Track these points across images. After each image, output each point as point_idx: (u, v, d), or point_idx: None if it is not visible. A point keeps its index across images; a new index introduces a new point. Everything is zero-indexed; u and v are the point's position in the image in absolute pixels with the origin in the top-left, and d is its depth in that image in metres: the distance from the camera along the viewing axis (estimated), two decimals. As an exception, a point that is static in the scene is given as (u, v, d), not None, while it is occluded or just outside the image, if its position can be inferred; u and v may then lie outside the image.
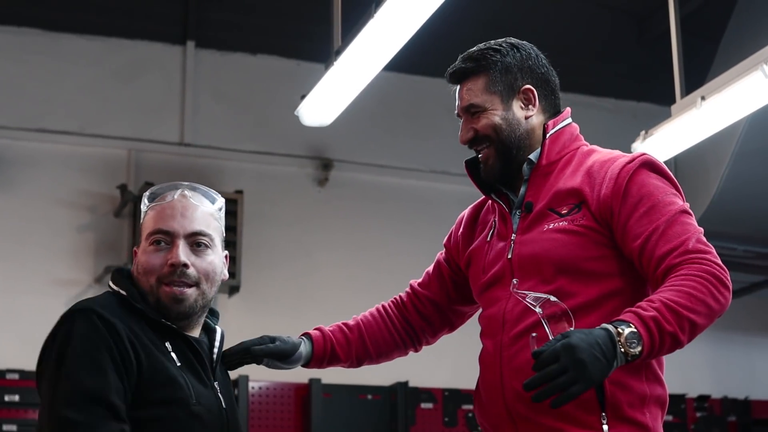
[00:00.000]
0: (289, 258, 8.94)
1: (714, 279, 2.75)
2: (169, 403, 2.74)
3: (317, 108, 6.00)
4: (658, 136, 6.09)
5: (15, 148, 8.46)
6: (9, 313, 8.17)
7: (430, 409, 8.76)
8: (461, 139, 3.16)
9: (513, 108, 3.12)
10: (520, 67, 3.16)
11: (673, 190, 2.95)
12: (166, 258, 2.87)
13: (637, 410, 2.86)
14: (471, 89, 3.15)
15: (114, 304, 2.82)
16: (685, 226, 2.87)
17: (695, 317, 2.71)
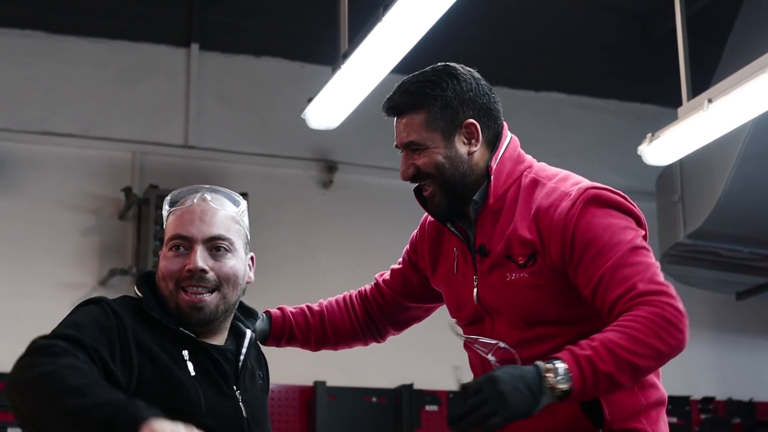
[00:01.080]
0: (294, 260, 8.93)
1: (662, 320, 2.68)
2: (176, 413, 2.62)
3: (324, 111, 5.98)
4: (665, 139, 6.07)
5: (19, 150, 8.45)
6: (13, 316, 8.16)
7: (434, 412, 8.75)
8: (402, 175, 3.06)
9: (455, 144, 2.99)
10: (461, 101, 3.00)
11: (622, 223, 2.85)
12: (184, 263, 2.84)
13: (635, 420, 2.85)
14: (410, 125, 3.02)
15: (127, 307, 2.81)
16: (634, 267, 2.78)
17: (637, 359, 2.65)
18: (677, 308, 2.72)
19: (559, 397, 2.64)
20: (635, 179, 9.55)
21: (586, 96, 9.95)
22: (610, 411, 2.81)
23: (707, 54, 7.97)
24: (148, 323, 2.80)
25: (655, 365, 2.72)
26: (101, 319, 2.69)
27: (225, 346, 2.92)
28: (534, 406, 2.62)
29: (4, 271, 8.25)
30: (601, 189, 2.90)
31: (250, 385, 2.94)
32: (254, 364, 3.01)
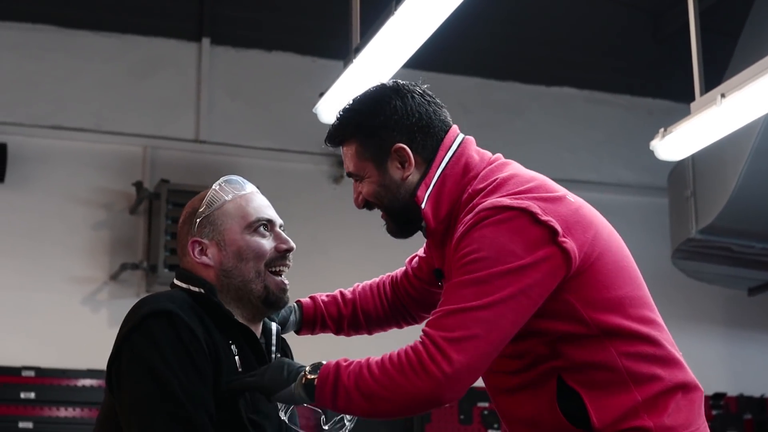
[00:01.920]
0: (305, 255, 8.82)
1: (416, 361, 2.64)
2: (231, 408, 2.73)
3: (336, 106, 5.97)
4: (677, 134, 6.05)
5: (30, 145, 8.46)
6: (24, 310, 8.17)
7: (445, 407, 8.73)
8: (355, 204, 3.06)
9: (389, 171, 2.95)
10: (386, 126, 2.94)
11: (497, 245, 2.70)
12: (272, 244, 2.93)
13: (634, 419, 2.75)
14: (346, 155, 3.02)
15: (190, 304, 2.81)
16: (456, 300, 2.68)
17: (375, 387, 2.66)
18: (439, 349, 2.64)
19: (304, 386, 2.70)
20: (647, 174, 9.55)
21: (597, 91, 9.92)
22: (597, 416, 2.73)
23: (720, 48, 7.94)
24: (206, 315, 2.81)
25: (396, 399, 2.65)
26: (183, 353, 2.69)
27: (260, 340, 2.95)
28: (281, 385, 2.71)
29: (15, 265, 8.26)
30: (498, 207, 2.74)
31: None
32: None
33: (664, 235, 8.80)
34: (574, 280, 2.74)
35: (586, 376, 2.76)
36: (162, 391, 2.64)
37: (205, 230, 2.92)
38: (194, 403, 2.64)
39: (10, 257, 8.27)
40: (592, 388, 2.75)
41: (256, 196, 3.00)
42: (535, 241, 2.69)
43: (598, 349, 2.76)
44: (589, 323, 2.75)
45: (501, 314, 2.65)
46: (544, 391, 2.79)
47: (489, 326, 2.64)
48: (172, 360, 2.66)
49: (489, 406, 8.74)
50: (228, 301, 2.89)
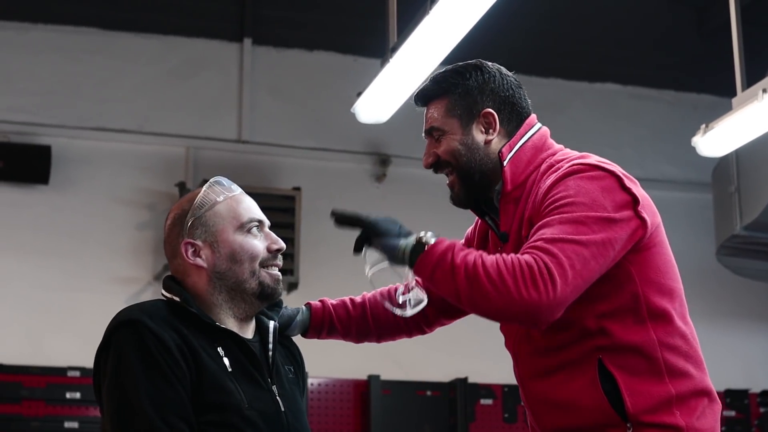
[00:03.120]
0: (348, 254, 8.77)
1: (529, 272, 2.67)
2: (221, 409, 2.74)
3: (373, 105, 5.98)
4: (719, 130, 6.00)
5: (74, 146, 8.53)
6: (69, 311, 8.24)
7: (489, 405, 8.72)
8: (424, 163, 3.12)
9: (473, 132, 3.06)
10: (481, 90, 3.08)
11: (592, 195, 2.81)
12: (264, 244, 2.95)
13: (664, 413, 2.79)
14: (433, 112, 3.11)
15: (164, 311, 2.82)
16: (556, 232, 2.74)
17: (484, 279, 2.69)
18: (549, 270, 2.68)
19: (415, 245, 2.80)
20: (691, 170, 9.47)
21: (641, 86, 9.86)
22: (632, 401, 2.78)
23: (763, 43, 7.87)
24: (183, 322, 2.82)
25: (497, 299, 2.69)
26: (150, 361, 2.71)
27: (253, 339, 2.96)
28: (392, 233, 2.84)
29: (60, 266, 8.33)
30: (591, 165, 2.89)
31: (285, 380, 2.98)
32: (282, 358, 3.04)
33: (708, 232, 8.73)
34: (639, 254, 2.84)
35: (624, 361, 2.81)
36: (129, 405, 2.67)
37: (197, 231, 2.91)
38: (163, 412, 2.66)
39: (55, 258, 8.33)
40: (629, 374, 2.80)
41: (245, 197, 3.00)
42: (620, 203, 2.81)
43: (641, 332, 2.82)
44: (641, 301, 2.83)
45: (594, 255, 2.73)
46: (584, 372, 2.83)
47: (584, 263, 2.72)
48: (138, 370, 2.69)
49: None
50: (219, 302, 2.91)
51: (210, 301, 2.90)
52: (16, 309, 8.18)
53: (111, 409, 2.71)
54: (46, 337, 8.16)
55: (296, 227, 8.38)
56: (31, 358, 8.00)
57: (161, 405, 2.66)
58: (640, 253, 2.84)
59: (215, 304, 2.90)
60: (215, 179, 3.00)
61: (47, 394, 7.87)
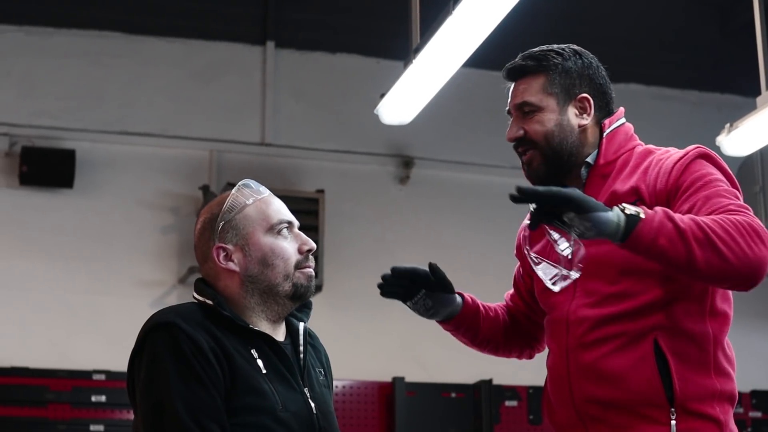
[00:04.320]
0: (371, 256, 8.93)
1: (751, 228, 2.69)
2: (255, 411, 2.75)
3: (396, 107, 5.98)
4: (743, 130, 5.98)
5: (98, 150, 8.56)
6: (94, 314, 8.27)
7: (514, 407, 8.71)
8: (508, 135, 3.13)
9: (568, 113, 3.08)
10: (580, 74, 3.11)
11: (725, 180, 2.89)
12: (295, 245, 2.96)
13: (707, 404, 2.83)
14: (527, 88, 3.11)
15: (198, 314, 2.83)
16: (731, 198, 2.80)
17: (718, 241, 2.66)
18: (763, 226, 2.73)
19: (628, 216, 2.68)
20: (716, 170, 9.43)
21: (664, 87, 9.83)
22: (680, 386, 2.81)
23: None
24: (217, 325, 2.83)
25: (735, 260, 2.67)
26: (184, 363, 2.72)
27: (285, 342, 2.96)
28: (598, 207, 2.68)
29: (84, 269, 8.36)
30: (712, 153, 2.96)
31: (316, 382, 2.99)
32: (313, 360, 3.04)
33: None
34: None
35: (679, 346, 2.84)
36: (163, 408, 2.69)
37: (228, 235, 2.92)
38: (196, 414, 2.67)
39: (80, 262, 8.36)
40: (680, 360, 2.83)
41: (273, 199, 3.00)
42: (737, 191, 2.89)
43: (701, 324, 2.87)
44: (708, 296, 2.89)
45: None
46: (638, 348, 2.86)
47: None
48: (172, 373, 2.70)
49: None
50: (252, 305, 2.91)
51: (242, 304, 2.90)
52: (41, 313, 8.21)
53: (144, 410, 2.72)
54: (72, 341, 8.19)
55: (320, 230, 8.39)
56: (56, 361, 8.03)
57: (194, 408, 2.68)
58: None
59: (248, 306, 2.91)
60: (243, 182, 3.01)
61: (73, 397, 7.90)
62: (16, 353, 8.02)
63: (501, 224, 9.20)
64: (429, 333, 9.06)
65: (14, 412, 7.80)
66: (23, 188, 8.36)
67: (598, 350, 2.91)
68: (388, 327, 8.74)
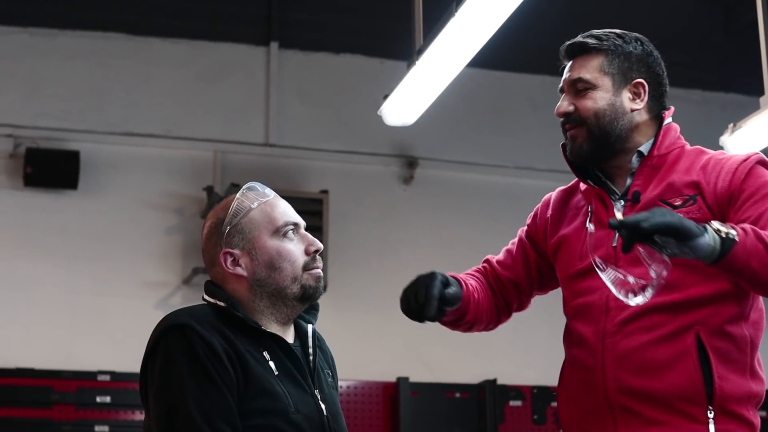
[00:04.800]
0: (376, 256, 8.94)
1: None
2: (268, 413, 2.76)
3: (400, 108, 5.97)
4: (747, 129, 5.97)
5: (102, 151, 8.57)
6: (99, 315, 8.28)
7: (518, 407, 8.71)
8: (558, 109, 3.11)
9: (622, 96, 3.07)
10: (639, 60, 3.11)
11: None
12: (301, 246, 2.95)
13: (744, 407, 2.84)
14: (584, 64, 3.11)
15: (211, 316, 2.83)
16: None
17: None
18: None
19: (723, 240, 2.66)
20: (720, 170, 9.43)
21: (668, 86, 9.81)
22: (720, 384, 2.81)
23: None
24: (229, 327, 2.83)
25: None
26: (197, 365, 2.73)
27: (295, 344, 2.97)
28: (697, 233, 2.63)
29: (89, 270, 8.37)
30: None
31: (325, 384, 3.00)
32: (322, 362, 3.04)
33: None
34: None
35: (720, 344, 2.85)
36: (176, 409, 2.70)
37: (234, 240, 2.92)
38: (209, 416, 2.68)
39: (84, 263, 8.38)
40: (721, 359, 2.83)
41: (279, 200, 2.99)
42: None
43: (740, 326, 2.89)
44: (750, 301, 2.92)
45: None
46: (680, 341, 2.85)
47: None
48: (186, 374, 2.71)
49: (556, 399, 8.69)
50: (261, 308, 2.91)
51: (251, 307, 2.91)
52: (46, 314, 8.23)
53: (157, 412, 2.73)
54: (76, 342, 8.21)
55: (324, 230, 8.40)
56: (61, 362, 8.04)
57: (208, 409, 2.68)
58: None
59: (257, 309, 2.91)
60: (248, 185, 3.00)
61: (78, 398, 7.92)
62: (21, 354, 8.03)
63: (505, 224, 9.17)
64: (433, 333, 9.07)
65: (19, 413, 7.81)
66: (28, 189, 8.37)
67: (640, 339, 2.89)
68: (392, 327, 8.74)
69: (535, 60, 9.18)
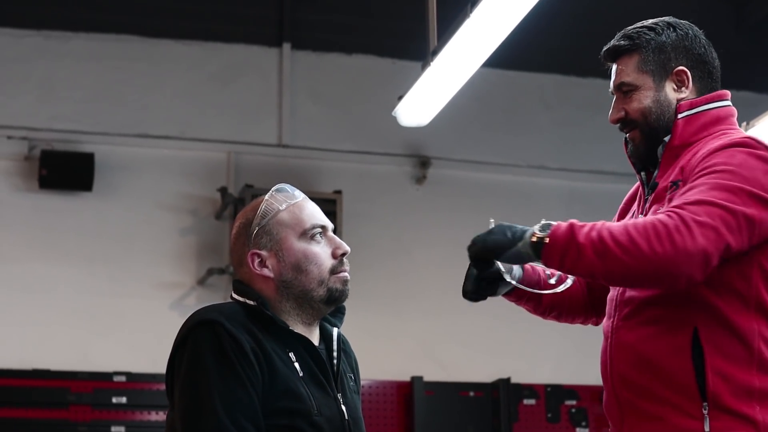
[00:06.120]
0: (389, 256, 8.96)
1: (660, 226, 2.67)
2: (291, 414, 2.77)
3: (414, 108, 5.99)
4: (760, 127, 5.98)
5: (117, 153, 8.60)
6: (114, 316, 8.31)
7: (532, 405, 8.72)
8: (611, 117, 3.12)
9: (665, 89, 3.06)
10: (675, 47, 3.10)
11: (755, 167, 2.80)
12: (328, 249, 2.96)
13: (743, 402, 2.76)
14: (623, 68, 3.10)
15: (240, 314, 2.85)
16: (708, 193, 2.74)
17: (613, 246, 2.68)
18: (686, 225, 2.67)
19: (534, 244, 2.78)
20: (732, 167, 9.43)
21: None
22: (713, 381, 2.76)
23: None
24: (257, 326, 2.85)
25: (631, 263, 2.68)
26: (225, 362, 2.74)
27: (320, 346, 2.98)
28: (506, 247, 2.83)
29: (104, 271, 8.40)
30: (763, 144, 2.89)
31: (347, 387, 3.01)
32: (345, 366, 3.06)
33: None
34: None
35: (719, 339, 2.79)
36: (201, 404, 2.71)
37: (262, 241, 2.94)
38: (233, 413, 2.69)
39: (99, 264, 8.41)
40: (718, 353, 2.78)
41: (308, 203, 3.01)
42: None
43: (744, 318, 2.80)
44: (752, 291, 2.82)
45: (739, 226, 2.72)
46: (676, 335, 2.82)
47: (729, 229, 2.70)
48: (212, 370, 2.72)
49: (577, 404, 8.71)
50: (287, 309, 2.93)
51: (278, 308, 2.92)
52: (62, 315, 8.26)
53: (182, 406, 2.75)
54: (92, 343, 8.23)
55: (337, 230, 8.34)
56: (77, 363, 8.07)
57: (232, 406, 2.70)
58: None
59: (283, 310, 2.92)
60: (278, 186, 3.03)
61: (94, 399, 7.95)
62: (38, 355, 8.06)
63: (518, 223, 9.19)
64: (447, 332, 9.13)
65: (36, 413, 7.85)
66: (43, 192, 8.41)
67: (639, 332, 2.88)
68: (406, 326, 8.78)
69: (547, 59, 9.20)
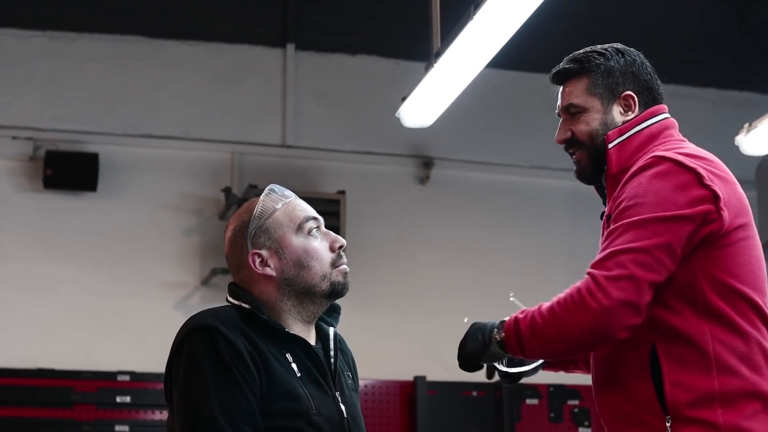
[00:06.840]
0: (392, 256, 8.97)
1: (576, 294, 2.80)
2: (290, 414, 2.78)
3: (418, 110, 6.00)
4: (763, 128, 6.00)
5: (121, 154, 8.62)
6: (118, 315, 8.33)
7: (535, 405, 8.73)
8: (557, 138, 3.17)
9: (612, 112, 3.11)
10: (623, 72, 3.14)
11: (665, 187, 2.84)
12: (326, 244, 2.99)
13: (704, 408, 2.78)
14: (572, 90, 3.16)
15: (236, 318, 2.86)
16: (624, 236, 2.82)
17: (545, 328, 2.84)
18: (598, 285, 2.78)
19: (498, 344, 2.95)
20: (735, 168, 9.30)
21: (683, 85, 9.81)
22: (672, 393, 2.79)
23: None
24: (253, 329, 2.86)
25: (566, 335, 2.82)
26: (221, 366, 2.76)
27: (317, 346, 3.00)
28: (482, 351, 2.99)
29: (108, 271, 8.42)
30: (667, 158, 2.90)
31: (345, 386, 3.02)
32: (342, 364, 3.07)
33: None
34: (708, 251, 2.85)
35: (675, 350, 2.82)
36: (199, 409, 2.72)
37: (261, 240, 2.95)
38: (232, 417, 2.71)
39: (103, 264, 8.43)
40: (677, 364, 2.81)
41: (299, 201, 3.03)
42: (696, 198, 2.84)
43: (695, 324, 2.83)
44: (699, 297, 2.84)
45: (657, 258, 2.79)
46: (636, 355, 2.87)
47: (645, 268, 2.77)
48: (210, 375, 2.74)
49: (579, 403, 8.72)
50: (288, 308, 2.94)
51: (278, 308, 2.93)
52: (66, 315, 8.28)
53: (181, 411, 2.76)
54: (96, 342, 8.26)
55: (341, 230, 8.42)
56: (82, 363, 8.09)
57: (231, 411, 2.71)
58: (710, 250, 2.85)
59: (283, 309, 2.94)
60: (270, 188, 3.04)
61: (98, 398, 7.97)
62: (42, 355, 8.09)
63: (521, 223, 9.24)
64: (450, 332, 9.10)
65: (40, 413, 7.87)
66: (47, 192, 8.43)
67: (605, 355, 2.96)
68: (409, 326, 8.79)
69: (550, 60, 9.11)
